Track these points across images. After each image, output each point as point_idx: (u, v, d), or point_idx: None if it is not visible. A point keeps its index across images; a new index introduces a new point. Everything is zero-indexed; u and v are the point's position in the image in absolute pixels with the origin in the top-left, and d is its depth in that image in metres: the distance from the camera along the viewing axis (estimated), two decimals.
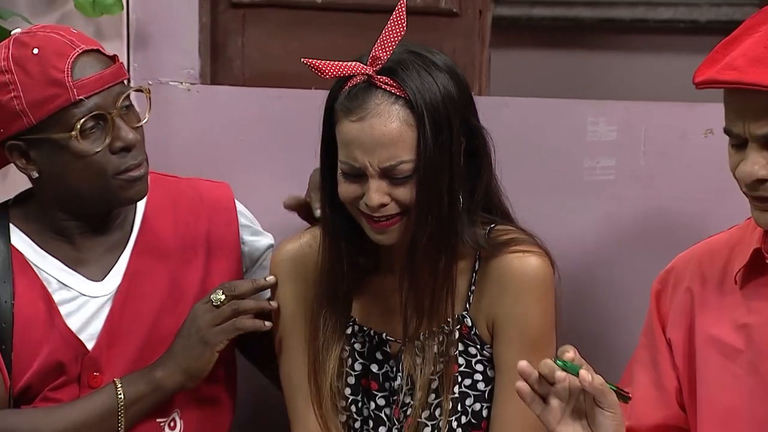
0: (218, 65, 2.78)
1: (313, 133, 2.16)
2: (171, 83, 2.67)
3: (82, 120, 2.12)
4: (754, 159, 1.88)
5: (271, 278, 2.28)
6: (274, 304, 2.27)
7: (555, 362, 1.84)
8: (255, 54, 2.78)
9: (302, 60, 2.06)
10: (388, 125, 2.02)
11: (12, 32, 2.21)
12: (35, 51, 2.14)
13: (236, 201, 2.42)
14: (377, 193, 2.03)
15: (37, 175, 2.19)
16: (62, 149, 2.15)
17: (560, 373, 1.82)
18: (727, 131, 1.93)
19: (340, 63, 2.05)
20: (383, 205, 2.03)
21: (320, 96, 2.09)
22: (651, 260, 2.23)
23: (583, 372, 1.82)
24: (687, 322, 2.10)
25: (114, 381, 2.23)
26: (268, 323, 2.29)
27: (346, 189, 2.07)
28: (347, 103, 2.04)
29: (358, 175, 2.04)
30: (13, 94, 2.13)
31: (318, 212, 2.30)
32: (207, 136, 2.66)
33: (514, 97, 2.64)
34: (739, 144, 1.94)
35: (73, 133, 2.13)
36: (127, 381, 2.23)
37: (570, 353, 1.84)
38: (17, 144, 2.17)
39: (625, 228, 2.54)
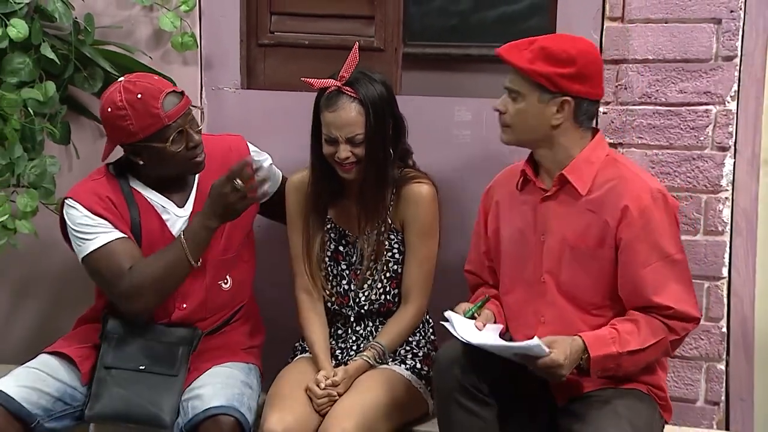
0: (251, 78, 3.27)
1: (306, 117, 2.76)
2: (225, 89, 3.22)
3: (173, 135, 2.62)
4: (504, 99, 2.44)
5: (247, 158, 2.58)
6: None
7: (465, 316, 2.32)
8: (271, 72, 3.26)
9: (301, 78, 2.65)
10: (349, 114, 2.58)
11: (119, 79, 2.66)
12: (139, 96, 2.58)
13: (248, 144, 2.83)
14: (344, 151, 2.60)
15: (142, 163, 2.71)
16: (160, 151, 2.64)
17: (478, 322, 2.39)
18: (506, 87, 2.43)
19: (322, 80, 2.61)
20: (347, 158, 2.61)
21: (309, 96, 2.67)
22: (486, 183, 2.72)
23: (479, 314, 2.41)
24: (496, 213, 2.66)
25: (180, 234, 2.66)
26: (258, 198, 2.59)
27: (327, 149, 2.63)
28: (326, 102, 2.59)
29: (334, 142, 2.61)
30: (128, 122, 2.61)
31: None
32: (245, 119, 3.17)
33: (416, 96, 3.14)
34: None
35: (168, 144, 2.62)
36: (186, 229, 2.67)
37: (464, 306, 2.39)
38: (132, 149, 2.70)
39: (474, 166, 3.05)
